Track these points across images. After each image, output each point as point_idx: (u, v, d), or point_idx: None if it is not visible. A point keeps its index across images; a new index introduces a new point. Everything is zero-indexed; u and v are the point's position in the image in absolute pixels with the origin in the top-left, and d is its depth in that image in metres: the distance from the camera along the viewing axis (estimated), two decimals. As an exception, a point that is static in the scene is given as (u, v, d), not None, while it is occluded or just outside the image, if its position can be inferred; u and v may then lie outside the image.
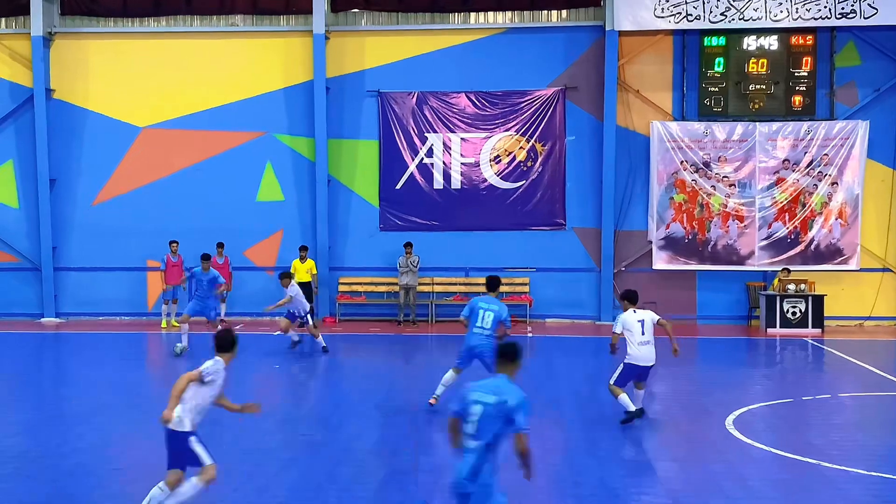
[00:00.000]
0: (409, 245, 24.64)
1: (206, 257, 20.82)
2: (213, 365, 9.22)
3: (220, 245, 24.75)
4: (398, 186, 25.83)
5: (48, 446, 12.30)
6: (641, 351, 13.54)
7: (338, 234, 25.92)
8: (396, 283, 24.96)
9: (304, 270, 24.24)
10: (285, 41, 25.97)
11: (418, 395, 15.80)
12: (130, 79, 26.13)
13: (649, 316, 13.75)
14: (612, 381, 13.56)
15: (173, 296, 24.42)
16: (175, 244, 24.38)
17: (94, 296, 26.23)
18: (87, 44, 26.26)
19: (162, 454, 9.35)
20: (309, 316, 20.69)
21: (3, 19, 26.45)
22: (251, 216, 25.93)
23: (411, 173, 25.78)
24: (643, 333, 13.49)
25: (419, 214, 25.77)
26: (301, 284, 24.11)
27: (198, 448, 9.08)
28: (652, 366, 13.62)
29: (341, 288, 25.74)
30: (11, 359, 20.56)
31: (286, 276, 20.81)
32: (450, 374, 14.40)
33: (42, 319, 26.07)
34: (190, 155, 26.09)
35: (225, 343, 9.46)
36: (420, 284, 25.13)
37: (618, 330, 13.71)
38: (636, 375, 13.61)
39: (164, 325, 24.24)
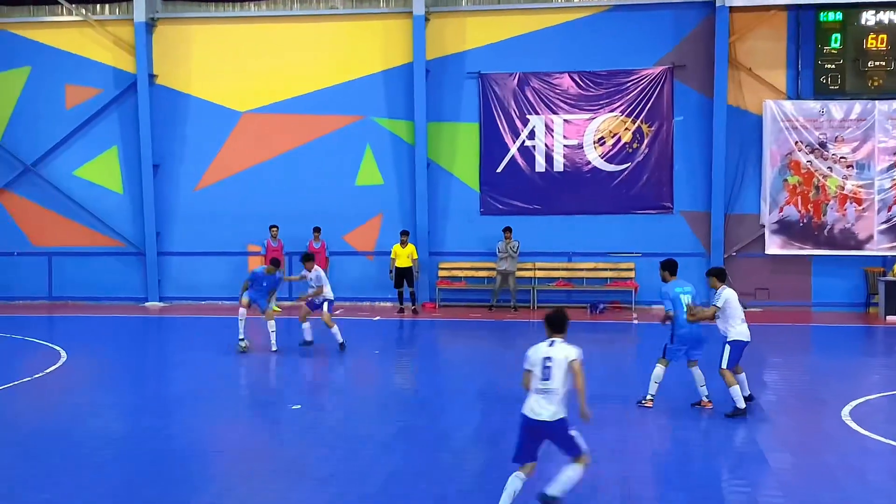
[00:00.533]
0: (508, 230, 24.56)
1: (308, 257, 19.62)
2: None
3: (317, 230, 25.05)
4: (499, 170, 25.77)
5: (149, 430, 12.63)
6: (744, 328, 13.58)
7: (437, 219, 26.00)
8: (495, 269, 24.92)
9: (405, 255, 24.41)
10: (384, 23, 26.11)
11: (518, 383, 15.76)
12: (231, 64, 26.62)
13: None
14: (723, 366, 13.32)
15: (273, 280, 24.76)
16: (275, 228, 24.78)
17: (195, 280, 26.87)
18: (189, 29, 26.84)
19: (258, 438, 9.50)
20: (326, 304, 19.35)
21: (107, 5, 27.18)
22: (350, 200, 26.19)
23: (512, 156, 25.69)
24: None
25: (520, 198, 25.67)
26: (402, 269, 24.35)
27: (574, 433, 9.14)
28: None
29: (441, 273, 25.83)
30: (116, 342, 21.20)
31: (308, 258, 19.57)
32: (660, 370, 13.86)
33: (146, 303, 26.82)
34: (289, 139, 26.47)
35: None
36: (521, 270, 25.04)
37: (719, 304, 13.55)
38: (741, 355, 13.34)
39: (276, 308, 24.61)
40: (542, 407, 9.03)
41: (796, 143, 24.28)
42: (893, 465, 11.03)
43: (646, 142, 25.20)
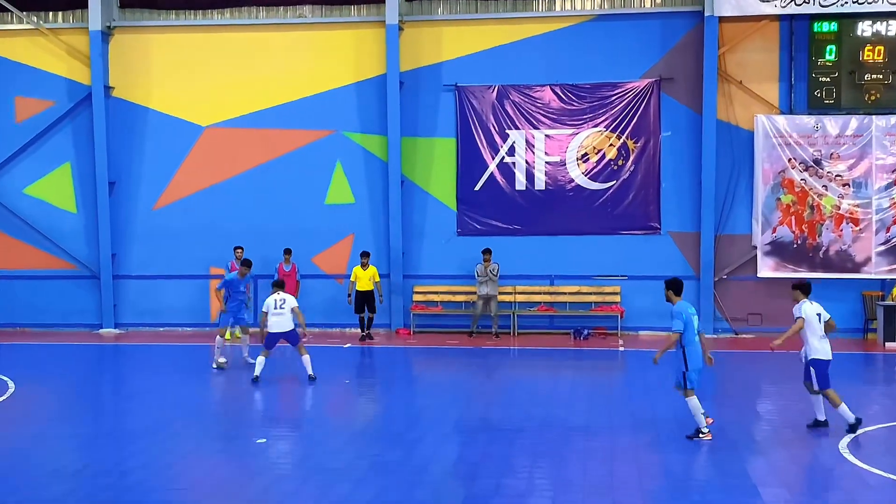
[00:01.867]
0: (487, 251, 24.59)
1: (278, 284, 19.88)
2: None
3: (288, 251, 25.03)
4: (477, 188, 25.85)
5: (106, 463, 12.53)
6: (824, 345, 14.25)
7: (412, 239, 26.04)
8: (475, 293, 24.93)
9: (366, 278, 24.40)
10: (356, 33, 26.21)
11: (499, 413, 15.76)
12: (193, 75, 26.63)
13: (822, 310, 14.51)
14: (817, 388, 14.05)
15: (238, 305, 24.67)
16: (240, 250, 24.69)
17: (154, 305, 26.77)
18: (148, 38, 26.83)
19: (221, 474, 9.44)
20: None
21: (60, 13, 27.15)
22: (320, 220, 26.22)
23: (491, 173, 25.78)
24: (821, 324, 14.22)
25: (500, 218, 25.76)
26: (363, 293, 24.31)
27: None
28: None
29: (416, 297, 25.83)
30: (69, 371, 21.04)
31: (278, 285, 19.75)
32: (695, 401, 13.77)
33: (101, 330, 26.65)
34: (255, 155, 26.47)
35: None
36: (501, 294, 25.09)
37: (802, 314, 14.35)
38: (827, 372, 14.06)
39: (227, 336, 24.50)
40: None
41: (790, 160, 24.50)
42: (894, 500, 11.09)
43: (631, 158, 25.36)
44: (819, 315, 14.36)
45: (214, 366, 20.19)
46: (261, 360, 19.00)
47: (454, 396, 17.67)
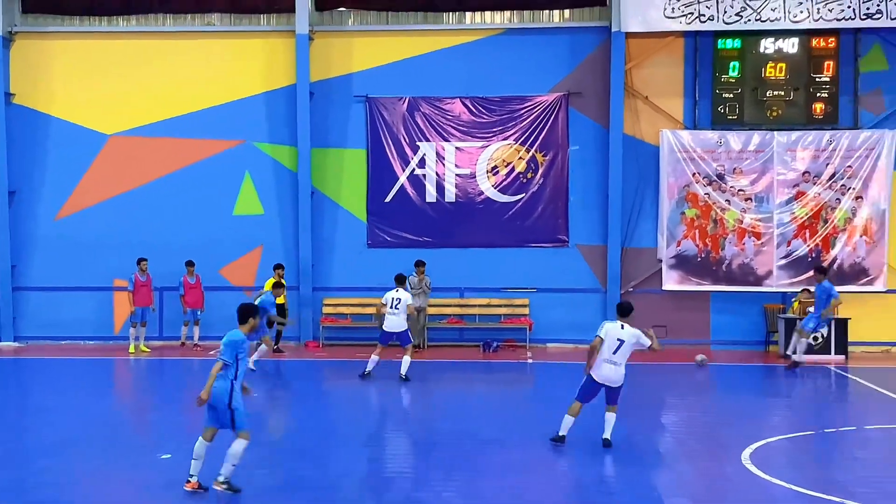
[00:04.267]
0: (420, 263, 24.62)
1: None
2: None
3: (191, 264, 24.84)
4: (387, 199, 25.93)
5: (7, 482, 12.30)
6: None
7: (322, 251, 26.00)
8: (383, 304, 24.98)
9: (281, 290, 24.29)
10: (266, 42, 26.11)
11: (411, 426, 15.86)
12: (97, 82, 26.23)
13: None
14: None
15: (142, 318, 24.41)
16: (144, 262, 24.42)
17: (56, 318, 26.22)
18: (51, 44, 26.36)
19: (127, 491, 9.35)
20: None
21: (-41, 17, 26.54)
22: (228, 231, 26.01)
23: (402, 185, 25.90)
24: None
25: (410, 230, 25.88)
26: (280, 306, 24.19)
27: None
28: None
29: (326, 310, 25.78)
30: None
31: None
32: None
33: (-1, 343, 26.09)
34: (161, 165, 26.15)
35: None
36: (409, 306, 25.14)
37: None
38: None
39: (132, 349, 24.23)
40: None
41: (694, 174, 25.06)
42: (795, 509, 11.46)
43: (540, 172, 25.70)
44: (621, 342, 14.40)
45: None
46: (374, 358, 20.09)
47: (365, 410, 17.72)
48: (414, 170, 25.91)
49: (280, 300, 24.10)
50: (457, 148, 25.85)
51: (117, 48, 26.30)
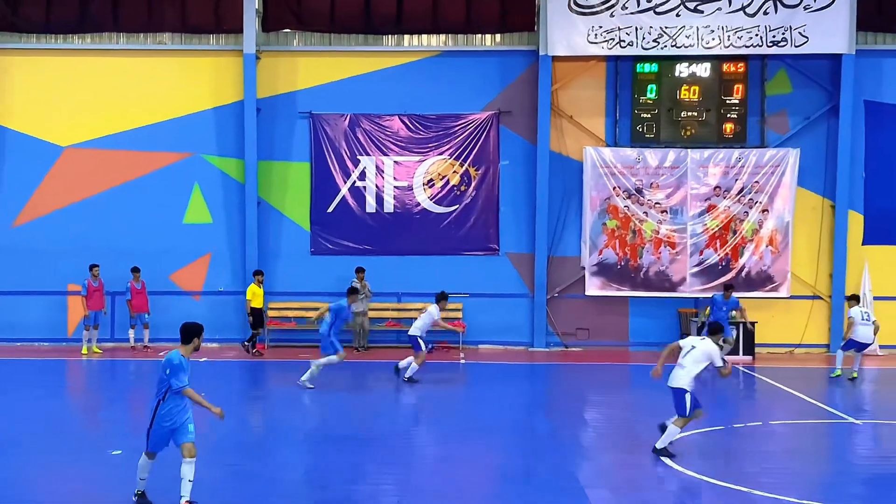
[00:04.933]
0: (361, 270, 24.52)
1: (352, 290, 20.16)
2: None
3: (136, 270, 24.52)
4: (330, 210, 25.83)
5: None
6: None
7: (268, 258, 25.79)
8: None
9: (262, 295, 24.08)
10: (215, 60, 25.88)
11: (349, 423, 15.79)
12: (53, 97, 25.79)
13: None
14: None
15: (94, 321, 24.03)
16: (96, 268, 24.04)
17: (12, 321, 25.65)
18: (8, 60, 25.86)
19: (79, 487, 9.19)
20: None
21: (-81, 33, 25.95)
22: (178, 239, 25.70)
23: (343, 196, 25.81)
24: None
25: (351, 238, 25.80)
26: (258, 310, 23.96)
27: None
28: None
29: (271, 314, 25.56)
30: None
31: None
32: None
33: (-44, 345, 25.51)
34: (114, 176, 25.77)
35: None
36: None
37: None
38: None
39: (84, 351, 23.84)
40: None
41: (614, 188, 25.30)
42: (706, 500, 11.60)
43: (473, 185, 25.77)
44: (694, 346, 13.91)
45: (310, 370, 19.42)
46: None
47: (307, 408, 17.62)
48: (355, 182, 25.83)
49: (258, 304, 23.87)
50: (395, 162, 25.83)
51: (73, 65, 25.88)
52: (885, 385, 21.32)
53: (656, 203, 25.31)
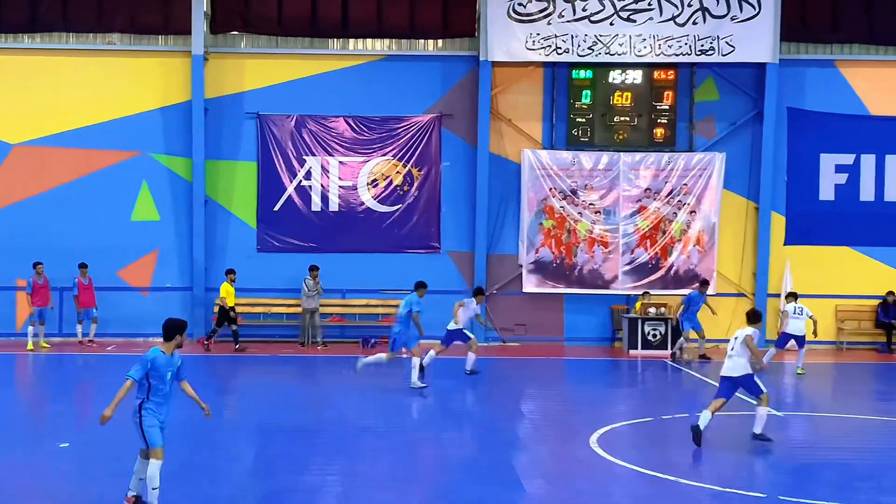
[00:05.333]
0: (315, 268, 24.41)
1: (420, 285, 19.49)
2: None
3: (83, 266, 24.21)
4: (276, 208, 25.71)
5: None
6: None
7: (215, 255, 25.60)
8: (274, 304, 25.02)
9: (233, 294, 23.86)
10: (163, 61, 25.61)
11: (295, 415, 15.76)
12: (2, 95, 25.37)
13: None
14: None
15: (40, 317, 23.63)
16: (40, 266, 23.60)
17: (-42, 315, 25.21)
18: (-42, 58, 25.39)
19: (27, 480, 9.09)
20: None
21: None
22: (125, 235, 25.40)
23: (289, 195, 25.70)
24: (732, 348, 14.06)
25: (297, 236, 25.70)
26: (231, 308, 23.70)
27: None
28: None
29: (217, 309, 25.34)
30: None
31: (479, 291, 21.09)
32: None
33: None
34: (63, 173, 25.40)
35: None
36: (296, 307, 25.09)
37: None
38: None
39: (30, 346, 23.43)
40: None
41: (551, 189, 25.51)
42: (636, 489, 11.77)
43: (416, 185, 25.83)
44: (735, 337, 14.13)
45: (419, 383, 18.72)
46: (431, 353, 19.59)
47: (254, 400, 17.55)
48: (301, 181, 25.74)
49: (231, 302, 23.63)
50: (340, 162, 25.78)
51: (23, 63, 25.45)
52: (805, 378, 21.75)
53: (590, 204, 25.57)
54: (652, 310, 24.19)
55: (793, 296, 21.87)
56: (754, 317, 14.23)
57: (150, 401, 10.32)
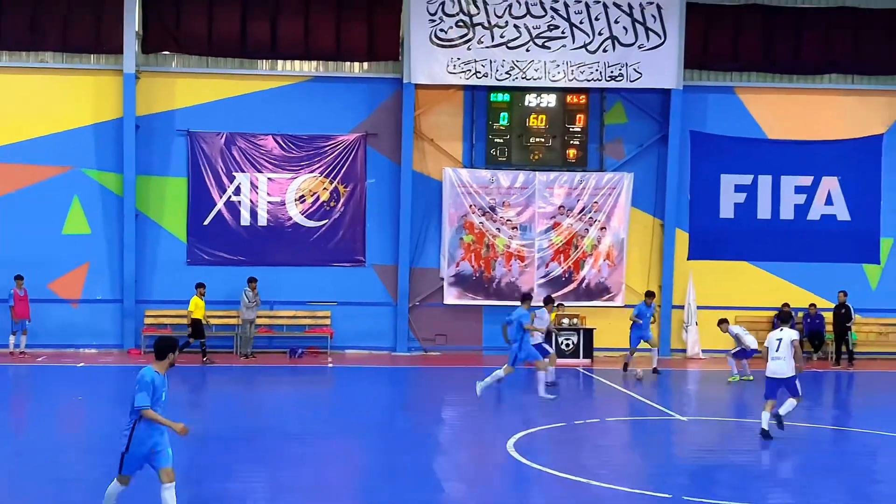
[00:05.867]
0: (254, 280, 24.09)
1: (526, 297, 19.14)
2: None
3: (19, 277, 23.65)
4: (206, 222, 25.38)
5: None
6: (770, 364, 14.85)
7: (145, 268, 25.17)
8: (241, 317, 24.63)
9: (203, 307, 23.44)
10: (96, 79, 25.14)
11: (224, 424, 15.58)
12: (-67, 110, 24.65)
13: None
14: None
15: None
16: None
17: None
18: None
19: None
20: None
21: None
22: (57, 249, 24.81)
23: (219, 210, 25.40)
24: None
25: (226, 250, 25.40)
26: (199, 321, 23.24)
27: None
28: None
29: (147, 320, 24.95)
30: None
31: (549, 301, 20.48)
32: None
33: None
34: (-5, 187, 24.77)
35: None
36: (225, 318, 24.83)
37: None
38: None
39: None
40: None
41: (470, 206, 25.66)
42: (550, 490, 11.89)
43: (342, 201, 25.75)
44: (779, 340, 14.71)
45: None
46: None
47: (182, 409, 17.24)
48: (230, 197, 25.46)
49: (198, 315, 23.16)
50: (269, 178, 25.58)
51: (-46, 79, 24.77)
52: (706, 384, 22.23)
53: (508, 220, 25.78)
54: (566, 320, 24.47)
55: (725, 322, 22.05)
56: (789, 318, 15.16)
57: (143, 421, 9.51)
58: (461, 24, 24.97)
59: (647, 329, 22.68)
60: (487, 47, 25.06)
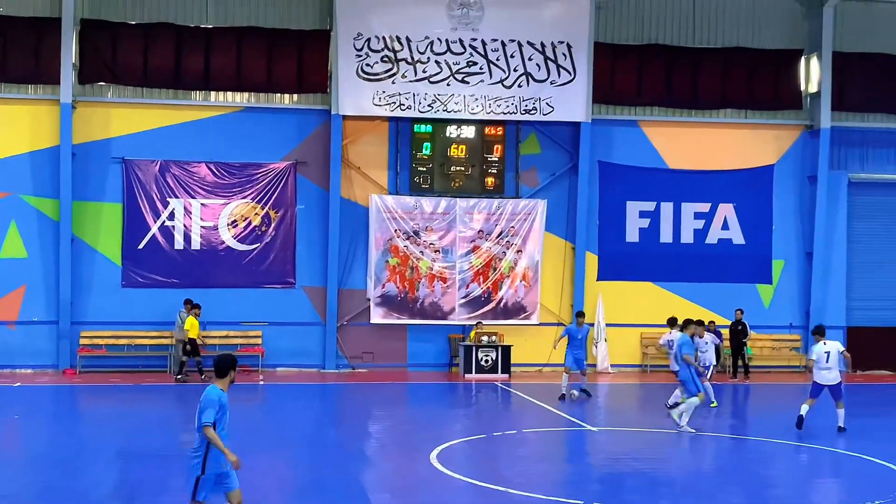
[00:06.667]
0: (188, 302, 23.52)
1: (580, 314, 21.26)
2: None
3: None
4: (140, 246, 24.81)
5: None
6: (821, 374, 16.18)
7: (81, 290, 24.47)
8: (138, 336, 24.10)
9: (198, 327, 22.74)
10: (33, 108, 24.47)
11: (156, 441, 15.19)
12: None
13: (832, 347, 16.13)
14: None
15: None
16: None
17: None
18: None
19: None
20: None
21: None
22: (-7, 272, 24.03)
23: (153, 235, 24.87)
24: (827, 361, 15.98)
25: (161, 272, 24.86)
26: (194, 340, 22.51)
27: None
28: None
29: (83, 341, 24.23)
30: None
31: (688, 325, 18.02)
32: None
33: None
34: (-69, 212, 23.87)
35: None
36: (159, 338, 24.28)
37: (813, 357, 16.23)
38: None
39: None
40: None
41: (395, 230, 25.61)
42: (472, 500, 11.84)
43: (273, 225, 25.45)
44: (828, 353, 16.01)
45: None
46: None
47: (116, 427, 16.79)
48: (164, 222, 24.96)
49: (194, 334, 22.42)
50: (202, 204, 25.15)
51: None
52: (615, 398, 22.45)
53: (430, 244, 25.78)
54: (485, 338, 24.49)
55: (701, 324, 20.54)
56: (825, 331, 16.38)
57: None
58: (386, 59, 24.99)
59: (583, 349, 20.83)
60: (411, 81, 25.11)
